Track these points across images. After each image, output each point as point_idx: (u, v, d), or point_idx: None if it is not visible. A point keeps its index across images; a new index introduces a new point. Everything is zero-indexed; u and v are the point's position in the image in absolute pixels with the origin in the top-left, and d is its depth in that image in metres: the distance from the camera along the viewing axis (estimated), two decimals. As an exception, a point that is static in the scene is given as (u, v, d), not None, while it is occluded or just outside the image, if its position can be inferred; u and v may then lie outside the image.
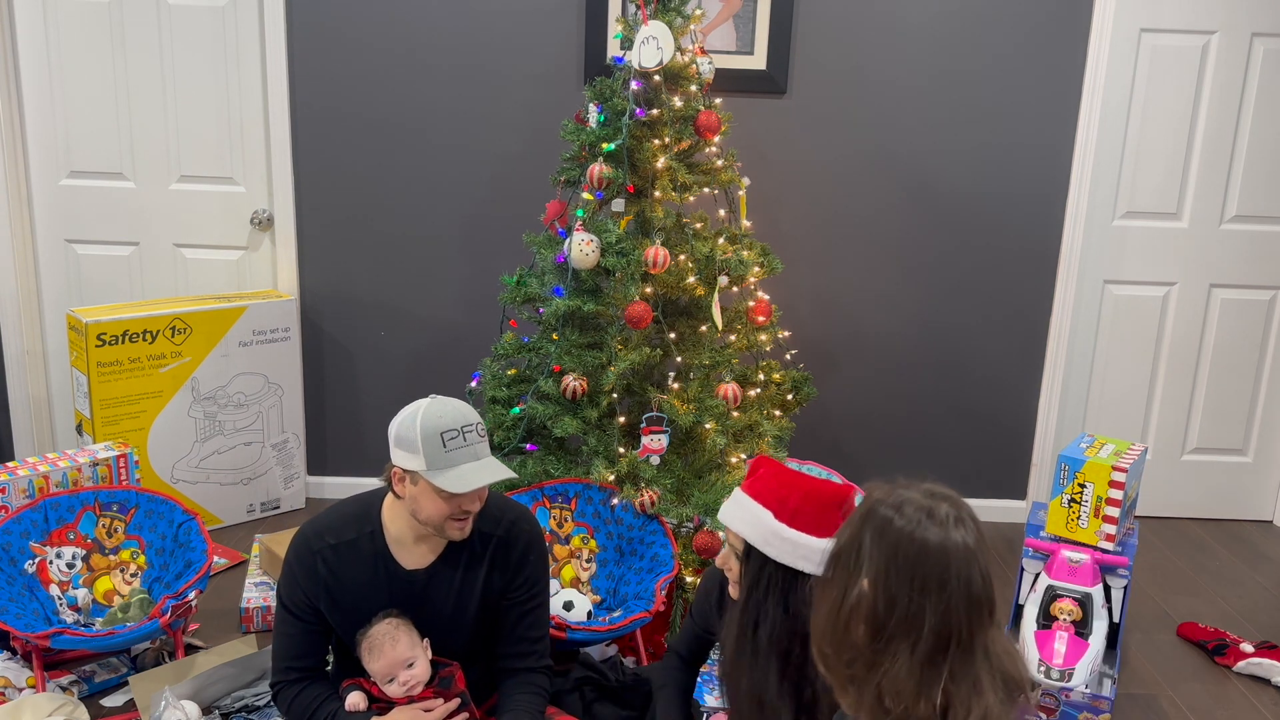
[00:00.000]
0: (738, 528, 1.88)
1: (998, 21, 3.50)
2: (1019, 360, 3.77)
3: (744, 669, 1.88)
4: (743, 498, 1.90)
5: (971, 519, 1.46)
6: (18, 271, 3.67)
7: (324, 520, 2.17)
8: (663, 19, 2.82)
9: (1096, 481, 2.69)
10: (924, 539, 1.41)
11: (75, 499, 2.76)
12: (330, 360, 3.77)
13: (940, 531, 1.42)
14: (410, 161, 3.60)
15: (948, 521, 1.43)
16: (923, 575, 1.40)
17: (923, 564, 1.40)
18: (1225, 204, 3.72)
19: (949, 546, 1.41)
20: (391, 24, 3.49)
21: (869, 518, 1.46)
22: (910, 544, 1.41)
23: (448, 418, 2.02)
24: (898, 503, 1.45)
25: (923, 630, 1.40)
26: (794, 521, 1.83)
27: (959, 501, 1.48)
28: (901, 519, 1.43)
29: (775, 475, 1.90)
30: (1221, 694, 2.88)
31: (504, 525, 2.19)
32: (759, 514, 1.85)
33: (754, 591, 1.86)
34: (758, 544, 1.85)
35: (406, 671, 2.11)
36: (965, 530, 1.44)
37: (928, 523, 1.42)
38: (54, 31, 3.54)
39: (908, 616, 1.40)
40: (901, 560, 1.41)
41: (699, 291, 2.94)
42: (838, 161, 3.60)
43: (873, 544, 1.43)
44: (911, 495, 1.46)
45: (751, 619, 1.87)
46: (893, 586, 1.41)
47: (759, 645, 1.86)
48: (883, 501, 1.46)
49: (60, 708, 2.44)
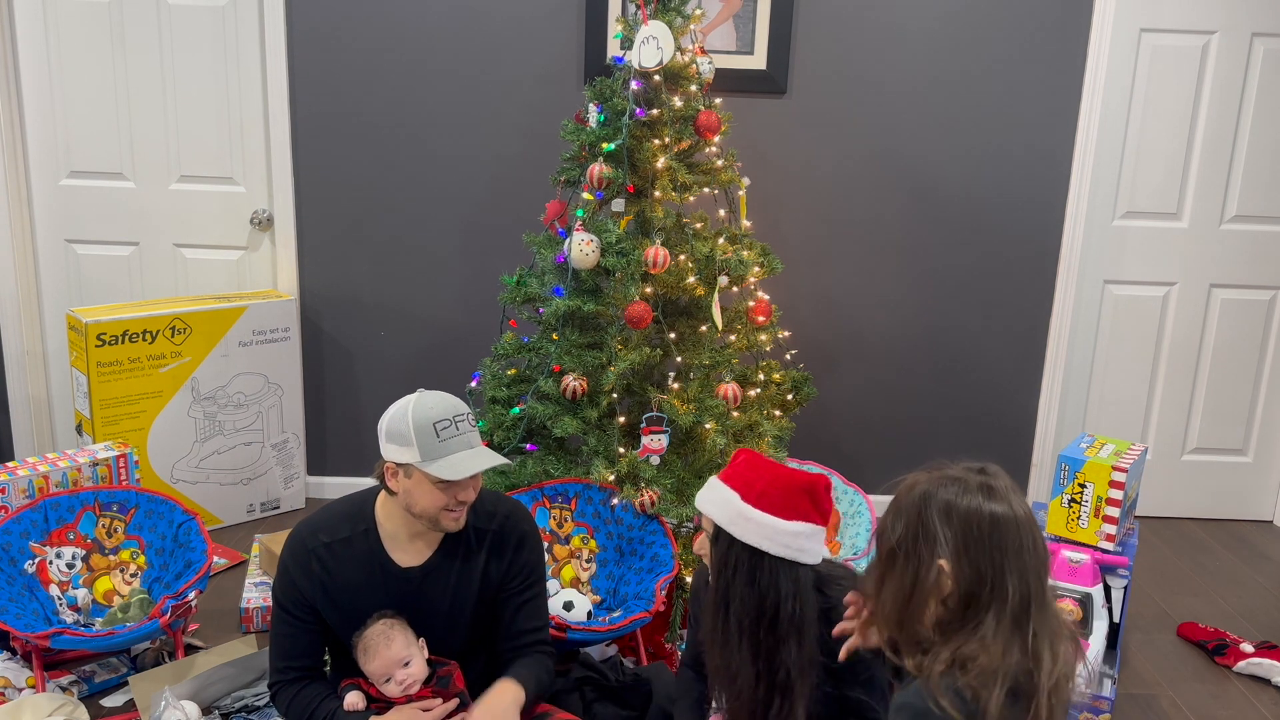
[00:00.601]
0: (708, 510, 1.95)
1: (998, 21, 3.50)
2: (1019, 360, 3.77)
3: (718, 649, 1.93)
4: (715, 482, 1.97)
5: (1014, 488, 1.59)
6: (18, 271, 3.67)
7: (318, 519, 2.17)
8: (663, 19, 2.82)
9: (1096, 481, 2.69)
10: (992, 511, 1.52)
11: (75, 499, 2.76)
12: (330, 360, 3.77)
13: (1004, 502, 1.54)
14: (410, 161, 3.60)
15: (1007, 493, 1.55)
16: (1001, 544, 1.51)
17: (997, 534, 1.52)
18: (1225, 204, 3.72)
19: (1016, 515, 1.53)
20: (391, 24, 3.49)
21: (927, 502, 1.56)
22: (982, 517, 1.52)
23: (438, 408, 2.03)
24: (954, 483, 1.56)
25: (1008, 595, 1.50)
26: (759, 503, 1.89)
27: (1005, 475, 1.59)
28: (966, 497, 1.54)
29: (747, 462, 1.97)
30: (1221, 694, 2.88)
31: (498, 520, 2.19)
32: (728, 496, 1.92)
33: (723, 571, 1.92)
34: (725, 524, 1.91)
35: (403, 670, 2.10)
36: (1020, 499, 1.57)
37: (989, 496, 1.54)
38: (54, 31, 3.54)
39: (994, 585, 1.51)
40: (977, 534, 1.52)
41: (699, 291, 2.94)
42: (838, 161, 3.60)
43: (942, 525, 1.54)
44: (963, 475, 1.57)
45: (723, 599, 1.91)
46: (977, 560, 1.51)
47: (730, 625, 1.91)
48: (937, 485, 1.57)
49: (60, 708, 2.44)
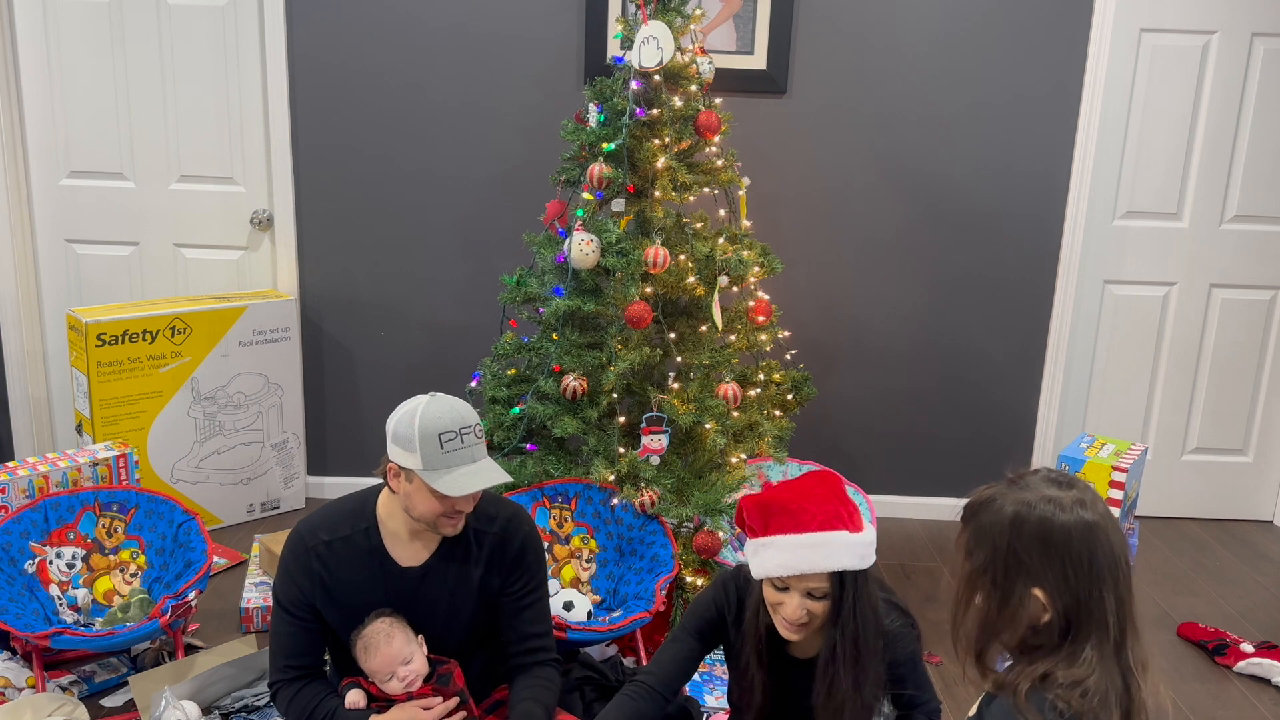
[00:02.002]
0: (829, 565, 1.82)
1: (998, 21, 3.50)
2: (1019, 360, 3.77)
3: (860, 683, 1.86)
4: (806, 538, 1.82)
5: (1096, 495, 1.49)
6: (18, 271, 3.67)
7: (319, 517, 2.16)
8: (663, 19, 2.82)
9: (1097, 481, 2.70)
10: (1088, 537, 1.43)
11: (75, 499, 2.76)
12: (330, 360, 3.77)
13: (1098, 525, 1.44)
14: (410, 161, 3.60)
15: (1099, 512, 1.45)
16: (1099, 573, 1.42)
17: (1096, 563, 1.43)
18: (1225, 204, 3.72)
19: (1111, 539, 1.44)
20: (391, 24, 3.49)
21: (1019, 527, 1.45)
22: (1080, 546, 1.42)
23: (446, 418, 2.02)
24: (1047, 504, 1.45)
25: (1109, 624, 1.43)
26: (858, 525, 1.83)
27: (1077, 480, 1.50)
28: (1061, 518, 1.43)
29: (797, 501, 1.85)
30: (1221, 694, 2.88)
31: (499, 523, 2.19)
32: (841, 539, 1.81)
33: (855, 611, 1.83)
34: (855, 565, 1.81)
35: (404, 668, 2.10)
36: (1110, 516, 1.47)
37: (1082, 520, 1.43)
38: (54, 31, 3.54)
39: (1094, 615, 1.43)
40: (1075, 564, 1.42)
41: (699, 291, 2.94)
42: (838, 161, 3.60)
43: (1039, 553, 1.44)
44: (1055, 494, 1.46)
45: (862, 633, 1.84)
46: (1075, 588, 1.43)
47: (866, 657, 1.85)
48: (1027, 505, 1.46)
49: (60, 708, 2.44)
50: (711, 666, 2.79)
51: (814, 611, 1.85)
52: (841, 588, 1.83)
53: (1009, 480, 1.51)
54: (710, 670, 2.78)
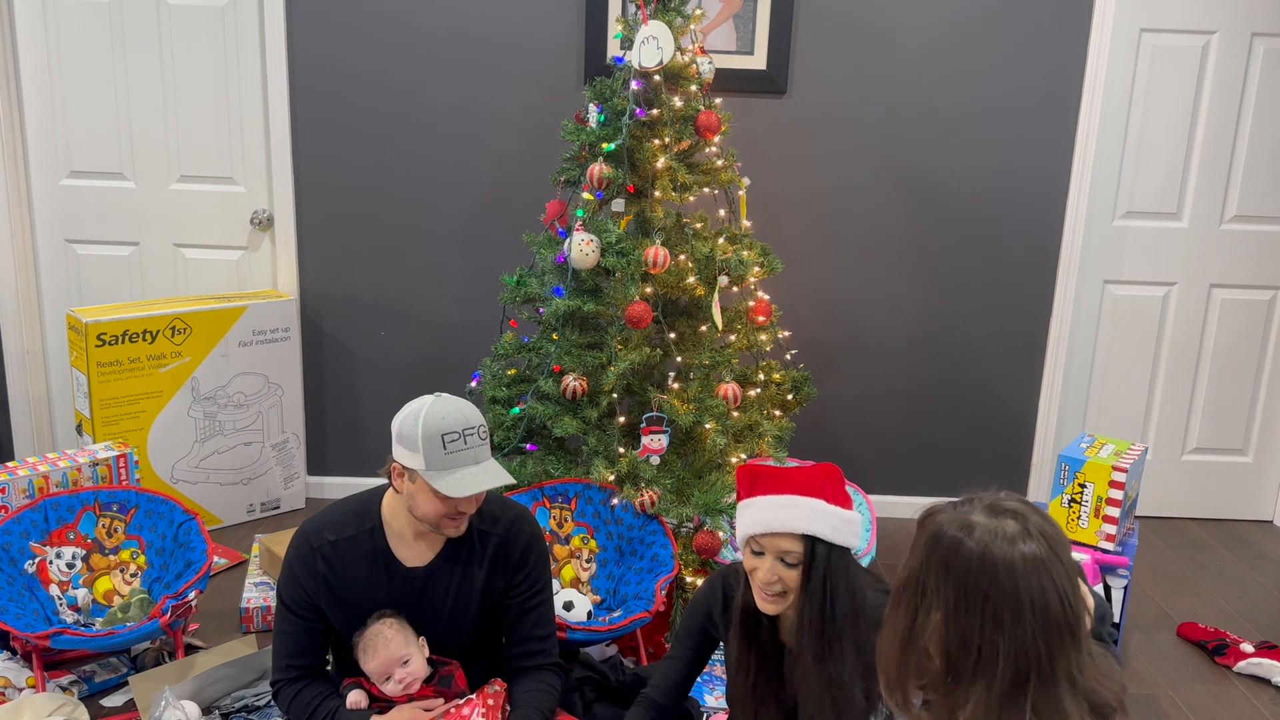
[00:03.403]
0: (801, 526, 1.82)
1: (997, 21, 3.50)
2: (1019, 360, 3.77)
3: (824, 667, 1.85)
4: (784, 499, 1.84)
5: (1042, 532, 1.37)
6: (18, 271, 3.67)
7: (324, 517, 2.17)
8: (663, 19, 2.82)
9: (1097, 481, 2.69)
10: (993, 568, 1.33)
11: (75, 499, 2.76)
12: (330, 360, 3.77)
13: (1008, 553, 1.33)
14: (410, 161, 3.60)
15: (1015, 540, 1.34)
16: (994, 609, 1.33)
17: (993, 596, 1.32)
18: (1225, 204, 3.72)
19: (1017, 571, 1.32)
20: (391, 24, 3.49)
21: (936, 544, 1.39)
22: (980, 574, 1.33)
23: (450, 419, 2.02)
24: (967, 528, 1.37)
25: (997, 669, 1.33)
26: (839, 500, 1.85)
27: (1028, 513, 1.39)
28: (970, 542, 1.35)
29: (785, 472, 1.88)
30: (1221, 694, 2.88)
31: (503, 525, 2.19)
32: (818, 506, 1.83)
33: (826, 584, 1.83)
34: (826, 535, 1.82)
35: (402, 669, 2.11)
36: (1036, 545, 1.34)
37: (996, 545, 1.34)
38: (54, 31, 3.54)
39: (981, 656, 1.33)
40: (971, 593, 1.34)
41: (699, 291, 2.94)
42: (838, 161, 3.60)
43: (940, 575, 1.36)
44: (984, 520, 1.38)
45: (829, 615, 1.83)
46: (964, 625, 1.34)
47: (834, 636, 1.84)
48: (951, 524, 1.39)
49: (60, 708, 2.44)
50: (711, 667, 2.79)
51: (785, 580, 1.85)
52: (813, 556, 1.83)
53: (966, 498, 1.44)
54: (710, 670, 2.78)
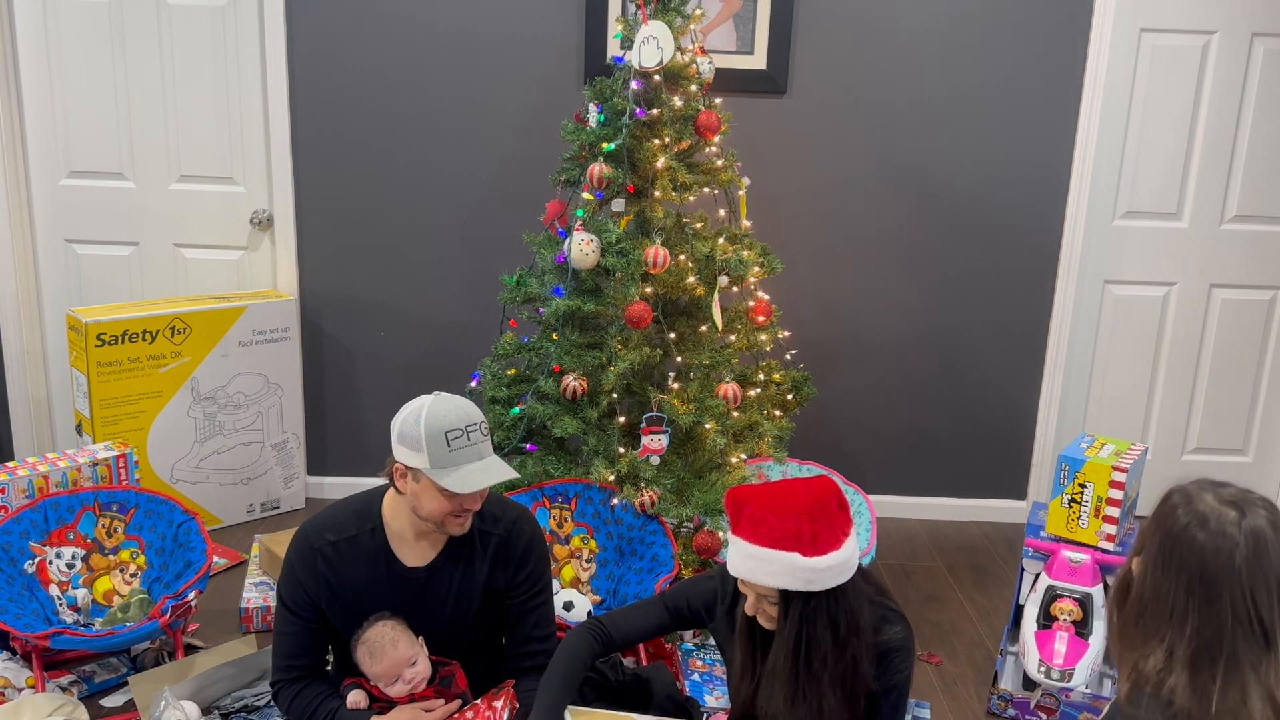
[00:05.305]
0: (769, 582, 1.78)
1: (998, 21, 3.50)
2: (1019, 360, 3.77)
3: (798, 703, 1.83)
4: (755, 550, 1.79)
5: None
6: (18, 271, 3.67)
7: (325, 517, 2.17)
8: (663, 19, 2.83)
9: (1097, 481, 2.69)
10: (1201, 542, 1.35)
11: (75, 499, 2.76)
12: (330, 360, 3.77)
13: (1227, 540, 1.34)
14: (410, 161, 3.60)
15: (1240, 531, 1.35)
16: (1188, 578, 1.35)
17: (1209, 570, 1.34)
18: (1225, 204, 3.72)
19: (1225, 556, 1.34)
20: (391, 23, 3.49)
21: (1166, 499, 1.42)
22: (1194, 542, 1.35)
23: (452, 416, 2.02)
24: (1192, 498, 1.40)
25: (1185, 632, 1.35)
26: (820, 548, 1.77)
27: (1264, 509, 1.38)
28: (1196, 512, 1.37)
29: (766, 509, 1.80)
30: (1222, 694, 2.87)
31: (504, 525, 2.19)
32: (788, 561, 1.76)
33: (803, 628, 1.80)
34: (799, 588, 1.77)
35: (410, 670, 2.11)
36: (1260, 545, 1.35)
37: (1218, 526, 1.35)
38: (54, 31, 3.54)
39: (1173, 613, 1.36)
40: (1179, 555, 1.36)
41: (699, 291, 2.94)
42: (837, 161, 3.60)
43: (1154, 528, 1.40)
44: (1210, 498, 1.39)
45: (803, 654, 1.81)
46: (1159, 576, 1.37)
47: (811, 673, 1.81)
48: (1187, 493, 1.41)
49: (60, 708, 2.44)
50: (711, 667, 2.79)
51: (769, 613, 1.85)
52: (787, 605, 1.81)
53: (1210, 483, 1.45)
54: (710, 670, 2.78)
